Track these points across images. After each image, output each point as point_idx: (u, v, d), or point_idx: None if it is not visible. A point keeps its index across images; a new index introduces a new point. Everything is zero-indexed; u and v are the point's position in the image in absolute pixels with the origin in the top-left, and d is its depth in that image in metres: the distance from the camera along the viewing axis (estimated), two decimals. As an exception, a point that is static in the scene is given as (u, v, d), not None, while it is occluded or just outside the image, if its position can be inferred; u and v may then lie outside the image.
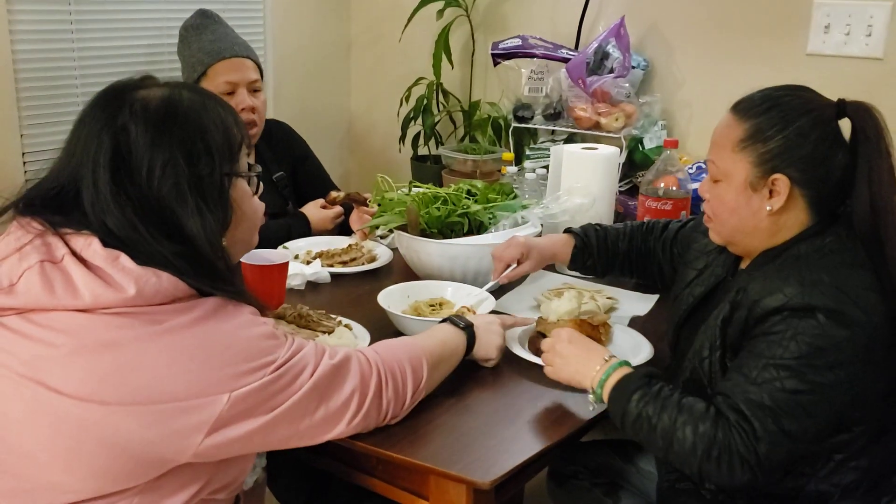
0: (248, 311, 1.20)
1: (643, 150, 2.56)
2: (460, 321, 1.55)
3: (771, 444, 1.24)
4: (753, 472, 1.24)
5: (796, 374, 1.24)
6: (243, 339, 1.15)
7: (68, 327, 1.09)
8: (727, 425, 1.26)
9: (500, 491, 1.35)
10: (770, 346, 1.27)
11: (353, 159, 3.53)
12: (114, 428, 1.07)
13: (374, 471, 1.43)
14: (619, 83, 2.51)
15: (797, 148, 1.33)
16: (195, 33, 2.30)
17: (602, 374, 1.39)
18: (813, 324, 1.25)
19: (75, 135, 1.19)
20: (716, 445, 1.25)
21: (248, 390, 1.12)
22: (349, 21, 3.38)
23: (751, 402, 1.26)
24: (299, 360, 1.20)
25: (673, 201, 2.10)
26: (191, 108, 1.19)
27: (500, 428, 1.41)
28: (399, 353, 1.37)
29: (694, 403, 1.30)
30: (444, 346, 1.47)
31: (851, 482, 1.34)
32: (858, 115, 1.35)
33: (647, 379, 1.35)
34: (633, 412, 1.33)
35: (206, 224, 1.17)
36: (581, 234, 1.85)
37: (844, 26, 2.32)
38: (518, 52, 2.68)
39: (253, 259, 1.80)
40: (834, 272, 1.29)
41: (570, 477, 1.73)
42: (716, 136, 1.42)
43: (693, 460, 1.27)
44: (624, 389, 1.35)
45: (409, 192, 2.11)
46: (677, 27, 2.64)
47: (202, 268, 1.17)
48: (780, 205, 1.35)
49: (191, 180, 1.16)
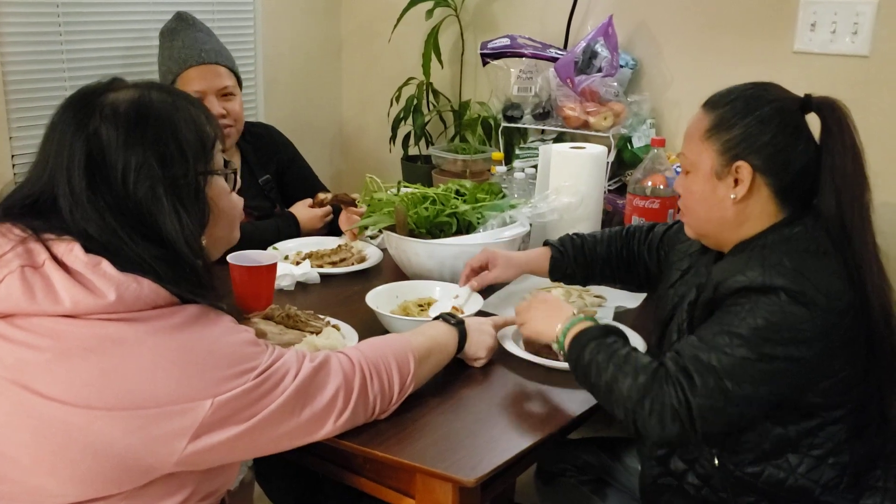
0: (229, 319, 1.21)
1: (632, 149, 2.57)
2: (452, 318, 1.56)
3: (707, 399, 1.27)
4: (683, 425, 1.28)
5: (748, 343, 1.28)
6: (226, 345, 1.16)
7: (52, 332, 1.09)
8: (665, 378, 1.30)
9: (486, 488, 1.36)
10: (728, 316, 1.31)
11: (343, 160, 3.54)
12: (97, 433, 1.08)
13: (361, 470, 1.44)
14: (608, 82, 2.52)
15: (758, 135, 1.37)
16: (168, 39, 2.31)
17: (566, 325, 1.47)
18: (773, 300, 1.28)
19: (47, 142, 1.19)
20: (649, 395, 1.29)
21: (231, 396, 1.13)
22: (339, 22, 3.39)
23: (698, 360, 1.29)
24: (281, 366, 1.20)
25: (661, 200, 2.11)
26: (161, 108, 1.19)
27: (486, 426, 1.41)
28: (384, 350, 1.38)
29: (639, 357, 1.35)
30: (432, 341, 1.48)
31: (832, 479, 1.35)
32: (823, 110, 1.38)
33: (604, 332, 1.42)
34: (586, 359, 1.39)
35: (184, 225, 1.17)
36: (557, 244, 1.84)
37: (831, 24, 2.33)
38: (507, 51, 2.69)
39: (241, 260, 1.80)
40: (796, 257, 1.32)
41: (557, 475, 1.74)
42: (687, 130, 1.47)
43: (629, 406, 1.31)
44: (581, 338, 1.42)
45: (398, 192, 2.11)
46: (665, 26, 2.65)
47: (183, 271, 1.17)
48: (744, 192, 1.38)
49: (165, 182, 1.16)
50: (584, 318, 1.48)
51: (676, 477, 1.46)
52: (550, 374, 1.59)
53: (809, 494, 1.36)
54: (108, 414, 1.08)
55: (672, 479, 1.46)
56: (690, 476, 1.44)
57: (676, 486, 1.46)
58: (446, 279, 1.92)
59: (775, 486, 1.36)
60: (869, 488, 1.38)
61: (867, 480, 1.38)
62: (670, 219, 2.12)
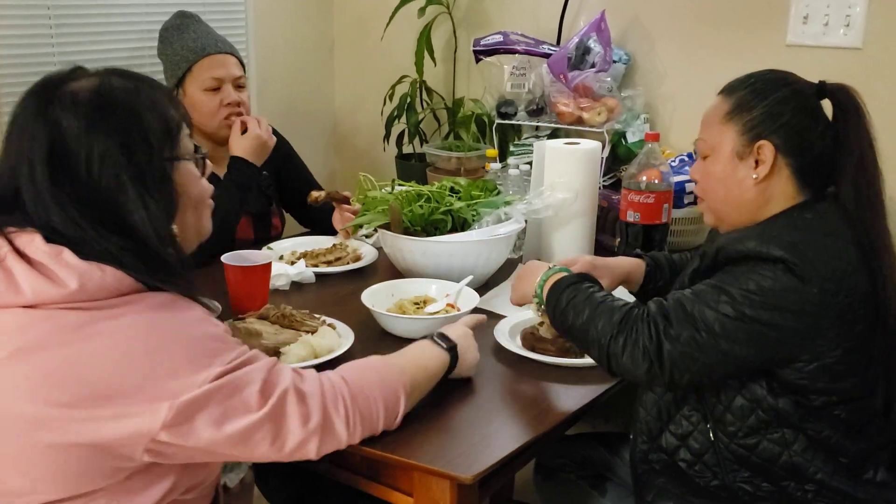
0: (200, 309, 1.17)
1: (626, 144, 2.56)
2: (444, 342, 1.47)
3: (678, 345, 1.31)
4: (652, 364, 1.32)
5: (733, 301, 1.30)
6: (190, 337, 1.12)
7: (10, 326, 1.08)
8: (642, 317, 1.34)
9: (485, 485, 1.36)
10: (725, 276, 1.35)
11: (338, 159, 3.53)
12: (60, 429, 1.06)
13: (358, 469, 1.43)
14: (601, 78, 2.51)
15: (778, 116, 1.40)
16: (177, 33, 2.30)
17: (542, 277, 1.53)
18: (769, 268, 1.30)
19: (9, 133, 1.17)
20: (623, 332, 1.34)
21: (189, 398, 1.08)
22: (331, 20, 3.38)
23: (681, 306, 1.33)
24: (244, 375, 1.14)
25: (656, 194, 2.11)
26: (123, 95, 1.17)
27: (483, 423, 1.41)
28: (372, 386, 1.29)
29: (614, 300, 1.40)
30: (425, 372, 1.41)
31: (827, 460, 1.35)
32: (838, 95, 1.41)
33: (580, 278, 1.47)
34: (563, 303, 1.44)
35: (151, 214, 1.15)
36: (648, 256, 1.79)
37: (823, 17, 2.33)
38: (500, 48, 2.68)
39: (236, 260, 1.80)
40: (795, 233, 1.34)
41: (556, 470, 1.74)
42: (704, 117, 1.50)
43: (603, 342, 1.36)
44: (559, 285, 1.47)
45: (393, 190, 2.11)
46: (658, 21, 2.65)
47: (150, 261, 1.14)
48: (766, 172, 1.40)
49: (130, 170, 1.14)
50: (560, 269, 1.52)
51: (668, 453, 1.45)
52: (547, 369, 1.59)
53: (803, 473, 1.35)
54: (68, 410, 1.05)
55: (663, 454, 1.46)
56: (682, 452, 1.43)
57: (668, 463, 1.45)
58: (442, 277, 1.91)
59: (769, 462, 1.36)
60: (863, 481, 1.38)
61: (864, 471, 1.38)
62: (665, 214, 2.12)
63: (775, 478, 1.37)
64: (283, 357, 1.56)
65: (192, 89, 2.27)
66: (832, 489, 1.36)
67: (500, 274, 2.07)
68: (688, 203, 2.29)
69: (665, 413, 1.45)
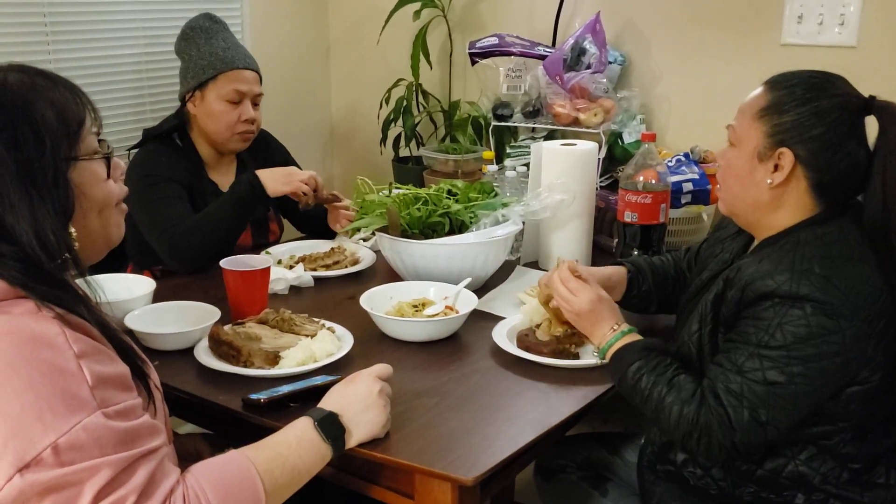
0: (79, 347, 1.02)
1: (622, 145, 2.57)
2: (330, 428, 1.27)
3: (745, 433, 1.29)
4: (730, 453, 1.32)
5: (778, 364, 1.27)
6: (40, 393, 0.98)
7: None
8: (709, 411, 1.30)
9: (486, 487, 1.36)
10: (757, 333, 1.30)
11: (335, 163, 3.53)
12: None
13: (360, 472, 1.43)
14: (597, 79, 2.52)
15: (810, 127, 1.35)
16: (205, 36, 2.29)
17: (610, 339, 1.49)
18: (800, 313, 1.27)
19: None
20: (696, 429, 1.31)
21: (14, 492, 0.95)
22: (327, 24, 3.38)
23: (730, 391, 1.29)
24: (89, 467, 0.98)
25: (653, 195, 2.11)
26: (16, 89, 1.09)
27: (483, 424, 1.41)
28: None
29: (684, 384, 1.36)
30: (293, 474, 1.22)
31: (833, 469, 1.35)
32: (884, 113, 1.36)
33: (646, 352, 1.43)
34: (630, 381, 1.42)
35: (37, 216, 1.06)
36: (629, 262, 1.78)
37: (818, 16, 2.34)
38: (495, 50, 2.69)
39: (234, 265, 1.80)
40: (826, 263, 1.30)
41: (557, 471, 1.74)
42: (743, 104, 1.45)
43: (677, 436, 1.36)
44: (624, 359, 1.44)
45: (390, 193, 2.11)
46: (653, 22, 2.65)
47: (28, 267, 1.05)
48: (781, 180, 1.37)
49: (15, 166, 1.06)
50: (626, 332, 1.50)
51: (676, 466, 1.46)
52: (546, 371, 1.59)
53: (809, 483, 1.36)
54: None
55: (670, 466, 1.47)
56: (691, 465, 1.44)
57: (674, 474, 1.46)
58: (440, 279, 1.91)
59: (775, 473, 1.37)
60: (872, 485, 1.38)
61: (871, 476, 1.38)
62: (662, 214, 2.12)
63: (781, 488, 1.38)
64: (283, 360, 1.56)
65: (213, 97, 2.26)
66: (840, 497, 1.36)
67: (498, 276, 2.07)
68: (685, 203, 2.30)
69: None
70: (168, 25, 2.67)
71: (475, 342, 1.74)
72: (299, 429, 1.26)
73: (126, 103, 2.65)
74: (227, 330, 1.61)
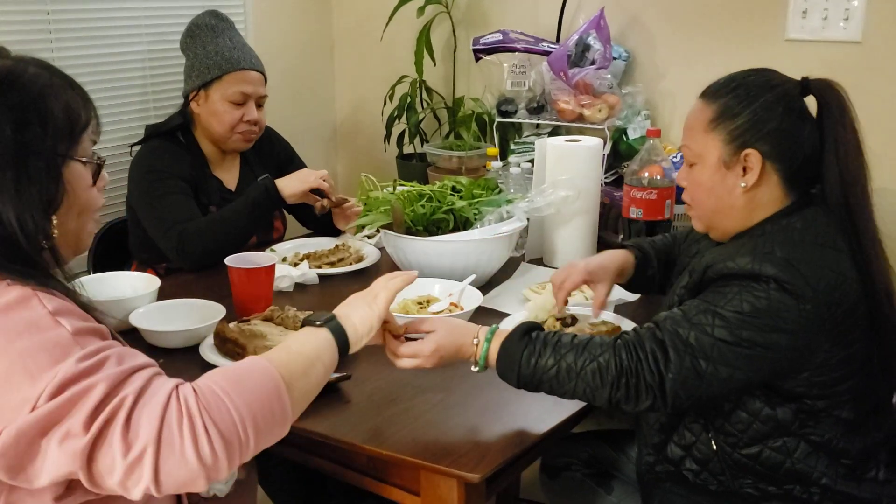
0: (53, 305, 1.05)
1: (627, 141, 2.56)
2: (321, 318, 1.28)
3: (680, 376, 1.27)
4: (655, 398, 1.28)
5: (729, 325, 1.27)
6: (21, 348, 1.00)
7: None
8: (637, 348, 1.28)
9: (491, 484, 1.36)
10: (715, 296, 1.31)
11: (339, 160, 3.53)
12: None
13: (365, 469, 1.43)
14: (601, 74, 2.51)
15: (765, 122, 1.36)
16: (211, 34, 2.29)
17: (481, 349, 1.37)
18: (761, 288, 1.28)
19: None
20: (622, 373, 1.28)
21: (18, 429, 0.97)
22: (331, 21, 3.38)
23: (677, 335, 1.29)
24: (80, 392, 0.98)
25: (658, 190, 2.11)
26: (33, 80, 1.14)
27: (489, 422, 1.41)
28: (249, 390, 1.06)
29: (590, 342, 1.32)
30: (301, 358, 1.17)
31: (829, 465, 1.36)
32: (822, 91, 1.38)
33: (526, 336, 1.35)
34: (528, 370, 1.33)
35: (23, 197, 1.10)
36: (634, 245, 1.77)
37: (822, 11, 2.33)
38: (499, 46, 2.68)
39: (239, 262, 1.80)
40: (788, 247, 1.31)
41: (562, 469, 1.74)
42: (687, 122, 1.46)
43: (603, 390, 1.29)
44: (509, 353, 1.34)
45: (394, 190, 2.11)
46: (657, 17, 2.65)
47: (14, 254, 1.09)
48: (754, 180, 1.38)
49: (14, 146, 1.09)
50: (492, 332, 1.38)
51: (674, 464, 1.46)
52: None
53: (807, 479, 1.36)
54: None
55: (669, 465, 1.46)
56: (688, 462, 1.44)
57: (674, 473, 1.46)
58: (445, 276, 1.91)
59: (772, 469, 1.37)
60: (868, 479, 1.38)
61: (866, 471, 1.38)
62: (667, 210, 2.12)
63: (780, 482, 1.37)
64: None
65: (217, 97, 2.26)
66: (837, 492, 1.36)
67: (502, 272, 2.07)
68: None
69: (668, 425, 1.45)
70: (172, 22, 2.67)
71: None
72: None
73: (129, 100, 2.65)
74: (233, 327, 1.61)
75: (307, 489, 2.19)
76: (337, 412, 1.44)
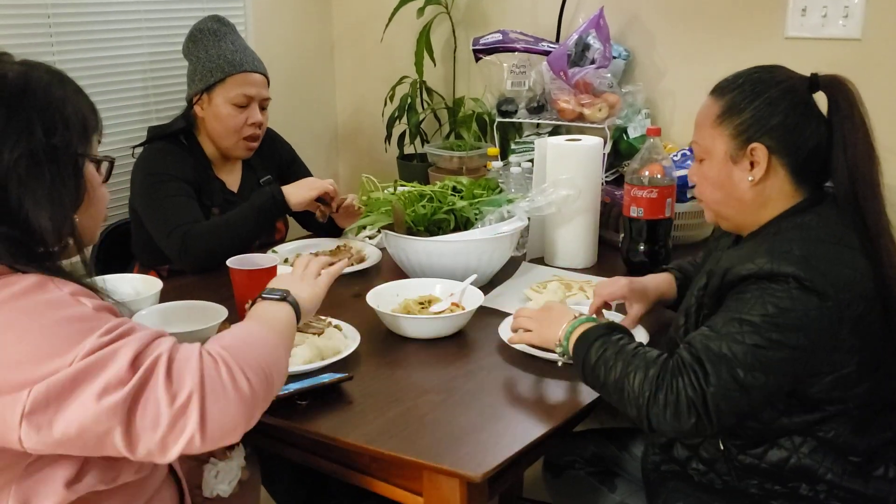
0: (69, 289, 1.10)
1: (628, 140, 2.56)
2: (274, 293, 1.38)
3: (721, 389, 1.26)
4: (700, 416, 1.27)
5: (759, 330, 1.27)
6: (48, 324, 1.04)
7: None
8: (679, 369, 1.29)
9: (494, 483, 1.36)
10: (738, 303, 1.31)
11: (340, 161, 3.53)
12: None
13: (367, 469, 1.43)
14: (601, 74, 2.51)
15: (769, 117, 1.38)
16: (213, 38, 2.29)
17: (568, 327, 1.47)
18: (783, 287, 1.28)
19: None
20: (663, 388, 1.28)
21: (49, 384, 1.01)
22: (331, 23, 3.38)
23: (709, 349, 1.29)
24: (111, 353, 1.04)
25: (658, 189, 2.11)
26: (48, 84, 1.19)
27: (491, 421, 1.41)
28: (256, 346, 1.17)
29: (647, 352, 1.35)
30: (273, 322, 1.29)
31: (835, 461, 1.35)
32: (831, 87, 1.40)
33: (608, 329, 1.42)
34: (593, 358, 1.38)
35: (54, 198, 1.15)
36: (675, 266, 1.80)
37: (821, 8, 2.33)
38: (499, 46, 2.68)
39: (241, 263, 1.80)
40: (805, 245, 1.32)
41: (565, 467, 1.74)
42: (697, 119, 1.48)
43: (641, 402, 1.30)
44: (586, 339, 1.42)
45: (395, 191, 2.11)
46: (656, 16, 2.65)
47: (29, 246, 1.14)
48: (761, 174, 1.40)
49: (48, 150, 1.15)
50: (587, 319, 1.48)
51: (680, 464, 1.46)
52: (554, 366, 1.59)
53: (812, 475, 1.36)
54: None
55: (675, 465, 1.47)
56: (694, 462, 1.44)
57: (680, 472, 1.46)
58: (446, 276, 1.92)
59: (778, 466, 1.36)
60: (876, 477, 1.38)
61: (875, 469, 1.38)
62: (668, 208, 2.12)
63: (786, 480, 1.37)
64: (290, 359, 1.56)
65: (220, 100, 2.26)
66: (844, 489, 1.36)
67: (504, 272, 2.07)
68: (690, 197, 2.29)
69: None
70: (172, 25, 2.68)
71: (482, 338, 1.74)
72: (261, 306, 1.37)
73: (131, 104, 2.65)
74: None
75: (309, 490, 2.19)
76: (339, 413, 1.44)
